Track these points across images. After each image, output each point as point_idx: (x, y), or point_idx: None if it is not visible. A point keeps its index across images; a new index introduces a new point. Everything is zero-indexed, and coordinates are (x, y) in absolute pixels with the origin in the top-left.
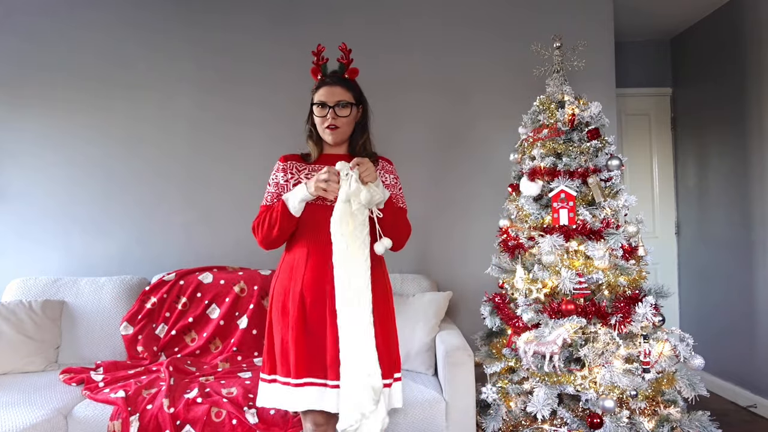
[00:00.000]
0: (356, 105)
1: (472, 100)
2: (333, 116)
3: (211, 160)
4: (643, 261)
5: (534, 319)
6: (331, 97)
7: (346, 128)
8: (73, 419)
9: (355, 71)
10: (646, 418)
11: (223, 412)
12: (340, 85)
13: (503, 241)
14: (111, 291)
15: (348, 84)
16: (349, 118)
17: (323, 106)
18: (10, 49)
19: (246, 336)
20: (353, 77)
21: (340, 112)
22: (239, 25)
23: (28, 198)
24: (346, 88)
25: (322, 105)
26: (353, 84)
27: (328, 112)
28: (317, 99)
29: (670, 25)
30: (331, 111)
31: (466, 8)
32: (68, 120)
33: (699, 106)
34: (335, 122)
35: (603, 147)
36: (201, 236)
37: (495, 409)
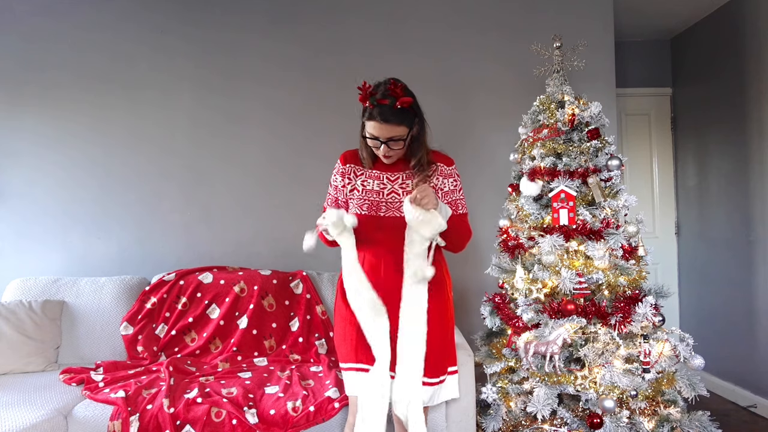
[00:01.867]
0: (410, 129)
1: (472, 100)
2: (387, 150)
3: (211, 159)
4: (643, 261)
5: (534, 319)
6: (382, 133)
7: (400, 153)
8: (73, 419)
9: (407, 101)
10: (646, 418)
11: (223, 412)
12: (391, 122)
13: (503, 241)
14: (111, 291)
15: (399, 117)
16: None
17: (375, 139)
18: (10, 48)
19: (246, 336)
20: (407, 106)
21: (393, 146)
22: (239, 23)
23: (28, 198)
24: (398, 122)
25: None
26: (405, 112)
27: (381, 146)
28: (368, 132)
29: (670, 25)
30: (384, 146)
31: (467, 8)
32: (68, 119)
33: (699, 106)
34: (390, 153)
35: (603, 147)
36: (201, 236)
37: (495, 409)
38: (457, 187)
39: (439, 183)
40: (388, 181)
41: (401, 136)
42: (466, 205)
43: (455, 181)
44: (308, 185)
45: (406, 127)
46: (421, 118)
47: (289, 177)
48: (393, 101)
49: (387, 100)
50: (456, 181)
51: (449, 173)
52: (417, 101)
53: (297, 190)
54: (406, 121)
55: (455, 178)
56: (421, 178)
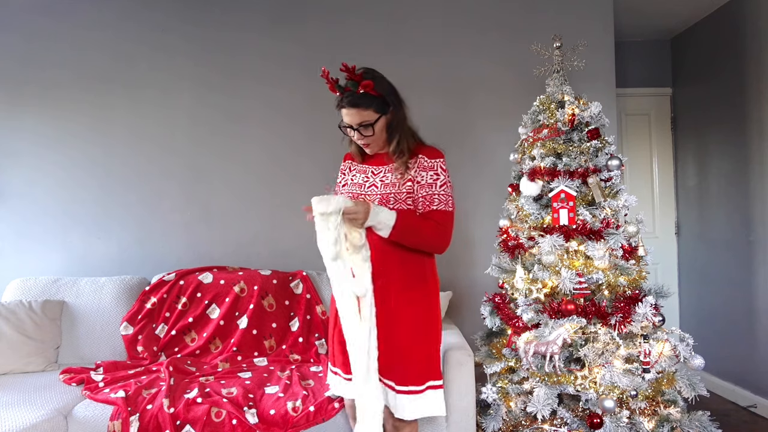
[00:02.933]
0: (382, 114)
1: (472, 100)
2: (359, 136)
3: (212, 159)
4: (643, 261)
5: (534, 319)
6: (352, 119)
7: (378, 139)
8: (73, 419)
9: (368, 84)
10: (646, 418)
11: (223, 412)
12: (357, 106)
13: (503, 241)
14: (111, 291)
15: (365, 101)
16: (377, 131)
17: (349, 127)
18: (10, 47)
19: (246, 336)
20: (369, 89)
21: (364, 132)
22: (239, 23)
23: (28, 198)
24: (364, 106)
25: (347, 125)
26: (371, 97)
27: (355, 133)
28: (342, 121)
29: (670, 25)
30: (357, 132)
31: (467, 8)
32: (68, 119)
33: (699, 106)
34: (364, 140)
35: (603, 147)
36: (201, 236)
37: (495, 409)
38: (437, 182)
39: (417, 175)
40: (372, 175)
41: (370, 120)
42: (447, 202)
43: (436, 175)
44: (308, 184)
45: (375, 112)
46: (396, 105)
47: (289, 176)
48: (355, 85)
49: (350, 86)
50: (437, 174)
51: (430, 166)
52: (391, 88)
53: (297, 189)
54: (374, 105)
55: (437, 171)
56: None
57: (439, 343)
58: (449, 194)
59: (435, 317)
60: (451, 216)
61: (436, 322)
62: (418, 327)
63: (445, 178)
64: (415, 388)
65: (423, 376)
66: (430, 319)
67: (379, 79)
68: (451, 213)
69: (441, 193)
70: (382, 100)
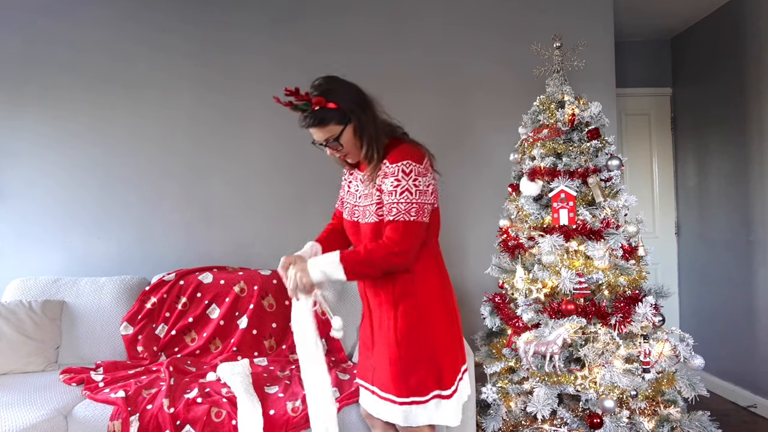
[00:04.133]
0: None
1: (472, 100)
2: (332, 152)
3: (212, 159)
4: (643, 261)
5: (534, 319)
6: (318, 137)
7: (353, 149)
8: (73, 419)
9: (319, 101)
10: (646, 418)
11: (223, 412)
12: (317, 125)
13: (503, 241)
14: (111, 291)
15: (323, 117)
16: (346, 143)
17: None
18: (10, 47)
19: (246, 336)
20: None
21: (334, 146)
22: (239, 22)
23: (28, 198)
24: (324, 123)
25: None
26: (328, 111)
27: (327, 149)
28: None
29: (670, 25)
30: (328, 148)
31: (467, 8)
32: (68, 119)
33: (699, 106)
34: (338, 154)
35: (603, 147)
36: (201, 236)
37: (495, 409)
38: (396, 189)
39: (381, 183)
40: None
41: (335, 134)
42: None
43: (396, 181)
44: (309, 184)
45: (337, 124)
46: (358, 111)
47: (289, 176)
48: (307, 105)
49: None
50: (398, 180)
51: (391, 171)
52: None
53: (297, 189)
54: (335, 118)
55: (398, 176)
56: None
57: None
58: (413, 201)
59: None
60: (413, 226)
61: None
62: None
63: (407, 183)
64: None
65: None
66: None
67: (332, 90)
68: (413, 223)
69: (401, 201)
70: (341, 111)
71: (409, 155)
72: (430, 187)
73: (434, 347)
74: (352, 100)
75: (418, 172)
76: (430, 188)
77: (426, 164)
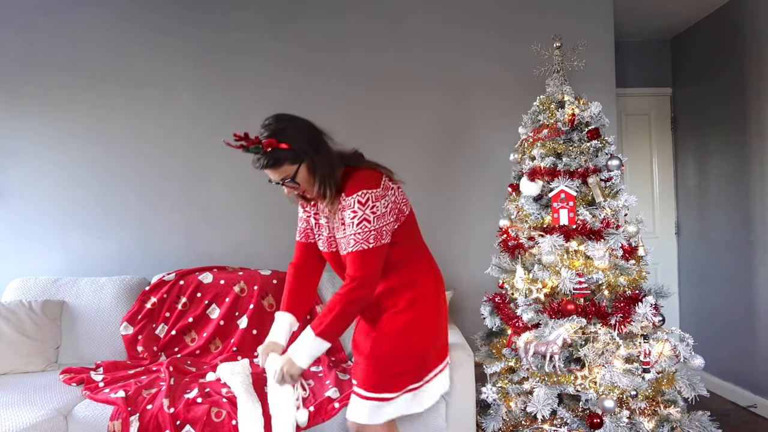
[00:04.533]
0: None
1: (472, 100)
2: (289, 190)
3: (211, 159)
4: (643, 261)
5: (534, 319)
6: (273, 177)
7: (308, 188)
8: (73, 419)
9: (270, 143)
10: (646, 418)
11: (223, 412)
12: (271, 167)
13: (503, 241)
14: (111, 291)
15: (276, 159)
16: (302, 181)
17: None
18: (10, 47)
19: (246, 336)
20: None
21: (290, 185)
22: (239, 23)
23: (28, 198)
24: (278, 164)
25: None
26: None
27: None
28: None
29: (670, 25)
30: (285, 187)
31: (467, 7)
32: (68, 119)
33: (699, 106)
34: (296, 192)
35: (603, 147)
36: (201, 236)
37: (495, 409)
38: (353, 220)
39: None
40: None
41: (290, 174)
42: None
43: (353, 213)
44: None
45: (291, 164)
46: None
47: None
48: (258, 149)
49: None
50: (355, 212)
51: (347, 204)
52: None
53: None
54: (288, 159)
55: (353, 208)
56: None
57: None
58: (371, 229)
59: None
60: (370, 253)
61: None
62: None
63: (364, 213)
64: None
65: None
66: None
67: (282, 130)
68: (371, 250)
69: (358, 232)
70: (293, 151)
71: (364, 183)
72: (389, 206)
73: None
74: (304, 138)
75: (375, 198)
76: (389, 207)
77: (383, 185)
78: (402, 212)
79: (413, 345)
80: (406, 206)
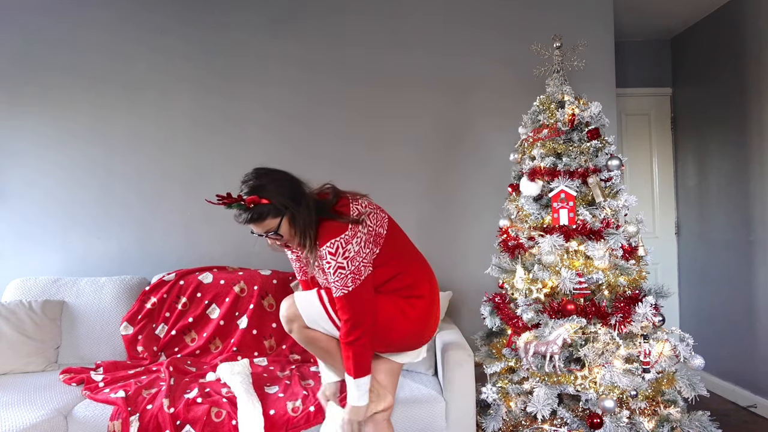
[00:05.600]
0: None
1: (472, 100)
2: (272, 242)
3: (211, 159)
4: (643, 261)
5: (534, 319)
6: (257, 230)
7: (291, 239)
8: (73, 419)
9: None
10: (646, 418)
11: (223, 412)
12: (254, 221)
13: (503, 241)
14: (111, 291)
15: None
16: (285, 232)
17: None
18: (9, 47)
19: (246, 336)
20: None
21: (274, 238)
22: (238, 23)
23: (28, 198)
24: (261, 219)
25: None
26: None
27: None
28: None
29: (670, 25)
30: (268, 239)
31: (467, 7)
32: (68, 119)
33: (699, 106)
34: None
35: (603, 147)
36: (201, 236)
37: (495, 409)
38: (330, 270)
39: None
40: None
41: (273, 227)
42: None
43: (328, 264)
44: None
45: (274, 218)
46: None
47: None
48: (241, 206)
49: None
50: (329, 262)
51: (322, 254)
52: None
53: None
54: (271, 213)
55: (327, 259)
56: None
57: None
58: (347, 274)
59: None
60: (353, 295)
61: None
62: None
63: (336, 262)
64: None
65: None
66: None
67: (263, 186)
68: (352, 292)
69: (336, 280)
70: (275, 206)
71: (332, 233)
72: (362, 241)
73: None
74: (283, 193)
75: (345, 242)
76: (362, 242)
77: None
78: (380, 235)
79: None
80: (383, 227)
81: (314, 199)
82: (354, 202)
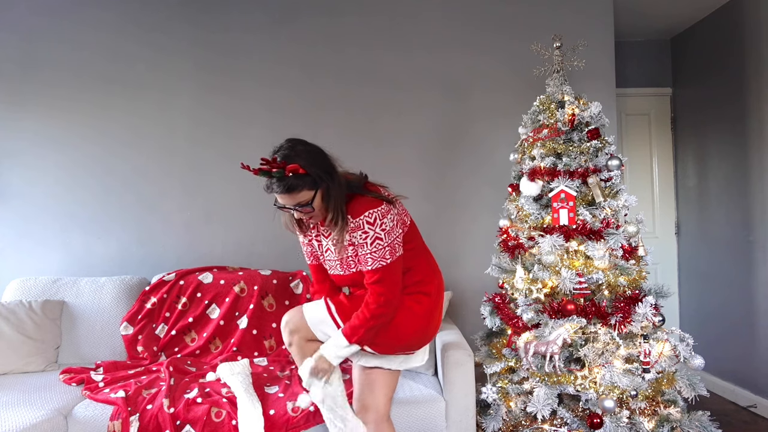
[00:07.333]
0: (316, 189)
1: (472, 100)
2: (300, 215)
3: (211, 159)
4: (643, 261)
5: (534, 319)
6: (287, 202)
7: (319, 213)
8: (73, 419)
9: (294, 168)
10: (646, 418)
11: (223, 412)
12: (289, 191)
13: (503, 241)
14: (111, 291)
15: (296, 184)
16: (317, 207)
17: (287, 208)
18: (10, 47)
19: (246, 336)
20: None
21: (304, 211)
22: (239, 23)
23: (28, 198)
24: (297, 190)
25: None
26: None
27: (295, 212)
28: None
29: (670, 25)
30: (297, 212)
31: (467, 7)
32: (68, 119)
33: (699, 106)
34: (306, 217)
35: (603, 147)
36: (201, 236)
37: (495, 409)
38: (366, 240)
39: (352, 238)
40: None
41: (307, 200)
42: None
43: (364, 233)
44: None
45: (309, 190)
46: (328, 176)
47: None
48: (281, 173)
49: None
50: (365, 232)
51: (356, 225)
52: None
53: None
54: (307, 184)
55: (364, 229)
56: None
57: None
58: (385, 245)
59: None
60: (390, 268)
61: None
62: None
63: (375, 232)
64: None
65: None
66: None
67: (304, 154)
68: (389, 265)
69: (373, 251)
70: (311, 177)
71: (368, 206)
72: (395, 220)
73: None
74: (320, 165)
75: (382, 215)
76: (395, 221)
77: (386, 205)
78: (404, 223)
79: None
80: (407, 216)
81: (345, 178)
82: (382, 187)
